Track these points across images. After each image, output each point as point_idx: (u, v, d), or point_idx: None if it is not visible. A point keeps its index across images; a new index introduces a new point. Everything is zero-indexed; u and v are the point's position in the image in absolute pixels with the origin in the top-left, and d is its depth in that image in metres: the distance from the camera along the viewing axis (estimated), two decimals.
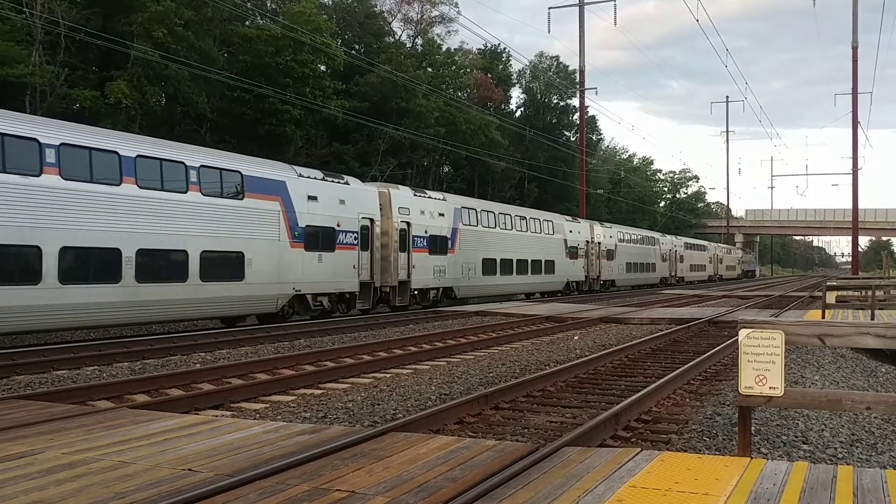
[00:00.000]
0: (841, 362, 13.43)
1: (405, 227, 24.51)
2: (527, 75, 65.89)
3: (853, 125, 46.88)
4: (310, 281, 20.20)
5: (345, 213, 21.54)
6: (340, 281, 21.43)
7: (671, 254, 57.67)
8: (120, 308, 15.30)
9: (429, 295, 26.08)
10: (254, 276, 18.29)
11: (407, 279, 24.52)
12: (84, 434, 5.83)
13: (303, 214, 19.92)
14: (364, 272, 22.40)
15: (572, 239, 38.72)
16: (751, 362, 5.39)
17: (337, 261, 21.15)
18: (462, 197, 32.48)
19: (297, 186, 19.91)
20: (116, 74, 29.51)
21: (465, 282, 28.25)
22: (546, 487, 4.37)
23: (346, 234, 21.52)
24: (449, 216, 27.37)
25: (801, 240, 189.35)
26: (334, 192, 21.36)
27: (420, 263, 25.21)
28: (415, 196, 25.81)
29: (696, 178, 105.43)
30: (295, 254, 19.63)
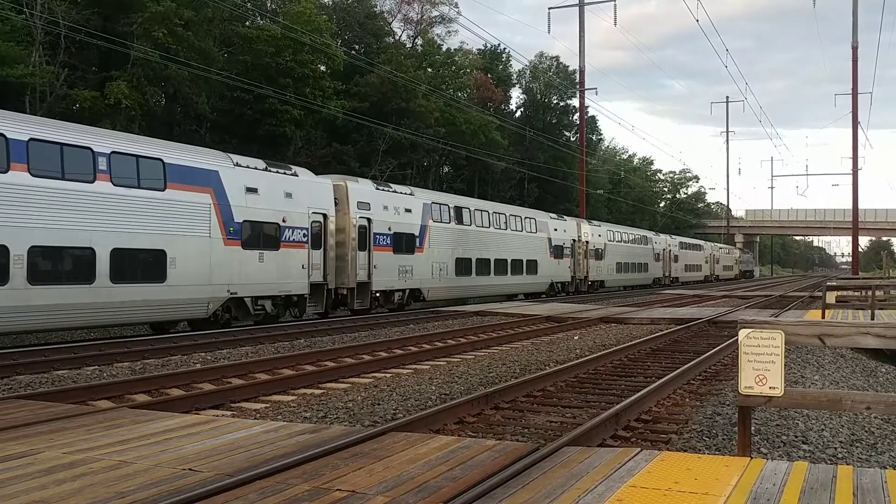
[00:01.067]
0: (841, 362, 13.43)
1: (365, 223, 22.79)
2: (527, 75, 65.91)
3: (853, 125, 46.92)
4: (248, 282, 18.36)
5: (292, 208, 19.65)
6: (287, 282, 19.55)
7: (665, 253, 56.27)
8: (8, 314, 13.31)
9: (393, 297, 24.48)
10: (178, 276, 16.46)
11: (367, 280, 22.79)
12: (84, 434, 5.83)
13: (240, 208, 18.06)
14: (316, 273, 20.55)
15: (557, 237, 37.16)
16: (751, 362, 5.40)
17: (282, 260, 19.35)
18: (432, 192, 30.51)
19: (234, 177, 18.04)
20: (116, 75, 29.51)
21: (436, 283, 26.54)
22: (546, 487, 4.37)
23: (293, 231, 19.65)
24: (417, 212, 25.65)
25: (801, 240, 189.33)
26: (279, 184, 19.46)
27: (382, 263, 23.47)
28: (377, 190, 24.07)
29: (696, 179, 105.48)
30: (230, 252, 17.80)
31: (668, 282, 56.31)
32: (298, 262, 19.90)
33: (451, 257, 27.49)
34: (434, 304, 28.47)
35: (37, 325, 14.48)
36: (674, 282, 58.08)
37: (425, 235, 25.93)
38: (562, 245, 37.56)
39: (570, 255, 38.69)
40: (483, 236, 30.10)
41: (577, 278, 39.68)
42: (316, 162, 33.73)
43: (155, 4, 29.60)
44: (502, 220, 32.10)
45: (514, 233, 32.86)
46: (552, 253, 36.36)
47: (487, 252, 30.28)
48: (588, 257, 40.98)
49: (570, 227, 39.27)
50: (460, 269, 28.16)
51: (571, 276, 38.82)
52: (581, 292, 39.53)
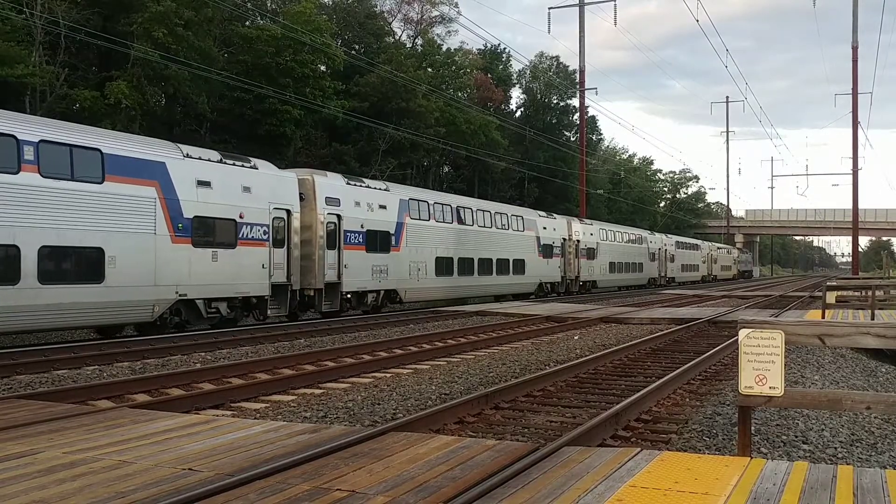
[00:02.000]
0: (841, 362, 13.43)
1: (335, 220, 21.45)
2: (527, 75, 65.93)
3: (853, 125, 46.92)
4: (200, 283, 17.07)
5: (251, 203, 18.36)
6: (244, 283, 18.24)
7: (661, 253, 55.03)
8: None
9: (366, 299, 23.14)
10: (118, 277, 15.16)
11: (337, 281, 21.45)
12: (84, 433, 5.83)
13: (190, 203, 16.82)
14: (278, 273, 19.20)
15: (546, 236, 35.76)
16: (751, 362, 5.40)
17: (239, 259, 18.06)
18: (410, 187, 29.15)
19: (183, 169, 16.76)
20: (116, 74, 29.51)
21: (413, 283, 25.18)
22: (546, 487, 4.37)
23: (251, 228, 18.33)
24: (393, 209, 24.26)
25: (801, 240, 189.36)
26: (236, 178, 18.15)
27: (354, 262, 22.08)
28: (348, 185, 22.59)
29: (696, 179, 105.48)
30: (178, 250, 16.54)
31: (663, 282, 55.21)
32: (258, 261, 18.61)
33: (430, 257, 26.21)
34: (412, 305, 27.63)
35: None
36: (670, 282, 56.94)
37: (402, 233, 24.62)
38: (551, 244, 36.34)
39: (561, 255, 37.48)
40: (466, 234, 28.85)
41: (568, 278, 38.55)
42: (316, 162, 33.69)
43: (155, 4, 29.59)
44: (487, 217, 30.91)
45: (500, 231, 31.60)
46: (541, 252, 35.13)
47: (471, 251, 29.06)
48: (579, 257, 39.80)
49: (560, 225, 38.09)
50: (441, 269, 26.86)
51: (562, 276, 37.64)
52: (572, 293, 38.45)
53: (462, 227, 28.60)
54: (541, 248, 35.05)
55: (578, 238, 39.61)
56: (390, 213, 24.15)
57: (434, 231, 26.64)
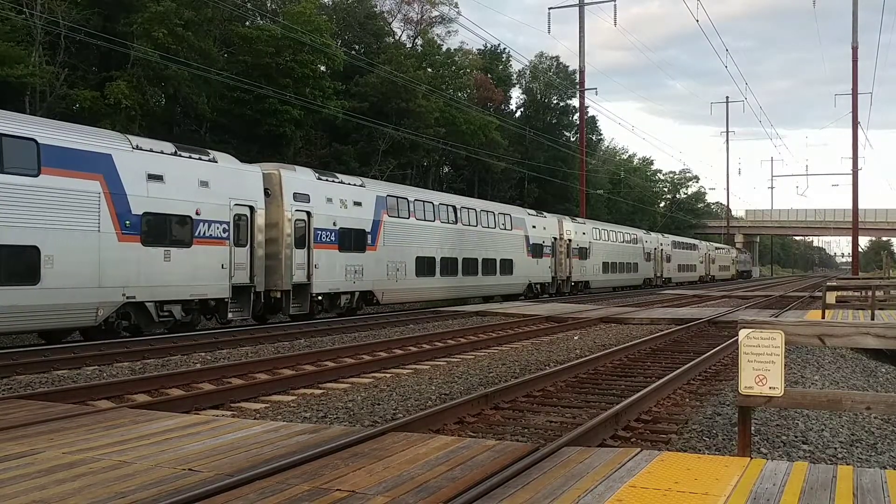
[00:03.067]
0: (841, 362, 13.43)
1: (304, 217, 20.25)
2: (527, 76, 65.95)
3: (853, 125, 46.88)
4: (151, 285, 15.95)
5: (209, 199, 17.23)
6: (201, 284, 17.09)
7: (656, 253, 53.76)
8: None
9: (339, 301, 21.94)
10: (56, 278, 14.05)
11: (306, 282, 20.24)
12: (84, 434, 5.83)
13: (139, 198, 15.68)
14: (240, 273, 18.03)
15: (536, 235, 34.54)
16: (751, 362, 5.40)
17: (195, 259, 16.94)
18: (388, 184, 27.85)
19: (132, 162, 15.62)
20: (116, 75, 29.53)
21: (391, 284, 23.97)
22: (546, 487, 4.37)
23: (209, 225, 17.20)
24: (369, 206, 23.10)
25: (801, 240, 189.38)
26: (192, 171, 17.01)
27: (325, 262, 20.90)
28: (319, 180, 21.35)
29: (696, 179, 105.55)
30: (126, 249, 15.38)
31: (659, 282, 54.22)
32: (216, 260, 17.47)
33: (410, 256, 25.03)
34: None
35: None
36: (666, 282, 55.95)
37: (378, 231, 23.40)
38: (541, 243, 35.09)
39: (551, 255, 36.24)
40: (449, 233, 27.61)
41: (559, 279, 37.27)
42: (316, 162, 33.72)
43: (155, 4, 29.62)
44: (472, 215, 29.67)
45: (486, 230, 30.44)
46: (530, 252, 33.94)
47: (455, 251, 27.84)
48: (571, 256, 38.60)
49: (550, 224, 36.84)
50: (422, 270, 25.64)
51: (552, 276, 36.39)
52: (563, 294, 37.38)
53: (445, 225, 27.53)
54: (530, 248, 34.02)
55: (570, 237, 38.60)
56: (366, 211, 23.00)
57: (414, 229, 25.50)
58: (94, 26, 28.19)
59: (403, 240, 24.76)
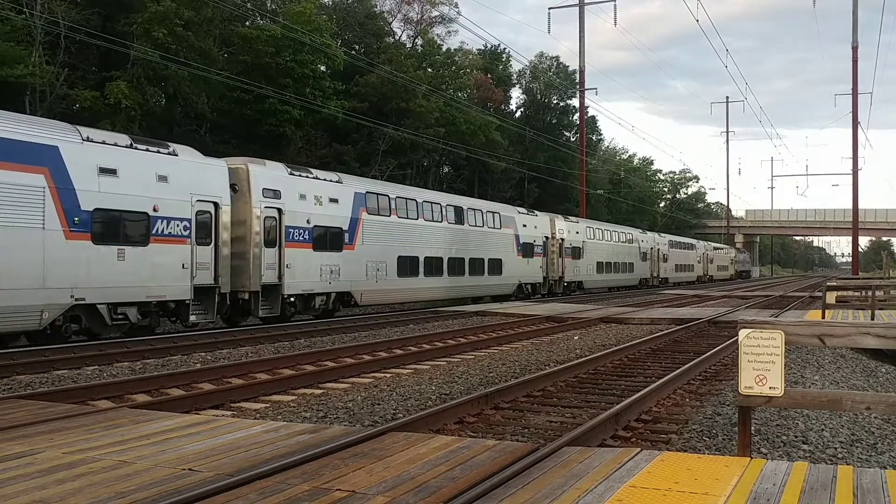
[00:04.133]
0: (841, 362, 13.43)
1: (274, 214, 19.27)
2: (527, 76, 65.97)
3: (853, 125, 46.92)
4: (103, 286, 14.94)
5: (168, 194, 16.26)
6: (160, 285, 16.09)
7: (653, 252, 52.84)
8: None
9: (314, 302, 20.86)
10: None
11: (277, 282, 19.24)
12: (84, 434, 5.83)
13: (90, 193, 14.71)
14: (203, 273, 17.04)
15: (527, 234, 33.52)
16: (751, 362, 5.39)
17: (152, 258, 15.94)
18: (368, 180, 26.60)
19: (81, 154, 14.68)
20: (116, 75, 29.53)
21: (371, 285, 22.96)
22: (546, 487, 4.37)
23: (169, 222, 16.24)
24: (346, 203, 22.06)
25: (801, 240, 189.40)
26: (149, 165, 16.02)
27: (298, 262, 19.89)
28: (291, 175, 20.23)
29: (696, 179, 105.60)
30: (74, 248, 14.41)
31: (656, 283, 53.38)
32: (176, 260, 16.47)
33: (391, 256, 24.05)
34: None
35: None
36: (663, 283, 55.09)
37: (357, 230, 22.37)
38: (532, 243, 34.01)
39: (543, 254, 35.14)
40: (433, 232, 26.56)
41: (551, 279, 36.27)
42: (316, 162, 33.71)
43: (155, 4, 29.62)
44: (459, 213, 28.64)
45: (474, 228, 29.37)
46: (520, 251, 32.87)
47: (440, 250, 26.80)
48: (563, 256, 37.53)
49: (541, 223, 35.77)
50: (404, 270, 24.63)
51: (544, 276, 35.36)
52: (555, 294, 36.38)
53: (429, 223, 26.46)
54: (520, 247, 32.95)
55: (563, 236, 37.61)
56: (343, 208, 21.94)
57: (395, 228, 24.45)
58: (94, 26, 28.21)
59: (384, 238, 23.78)
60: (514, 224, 32.77)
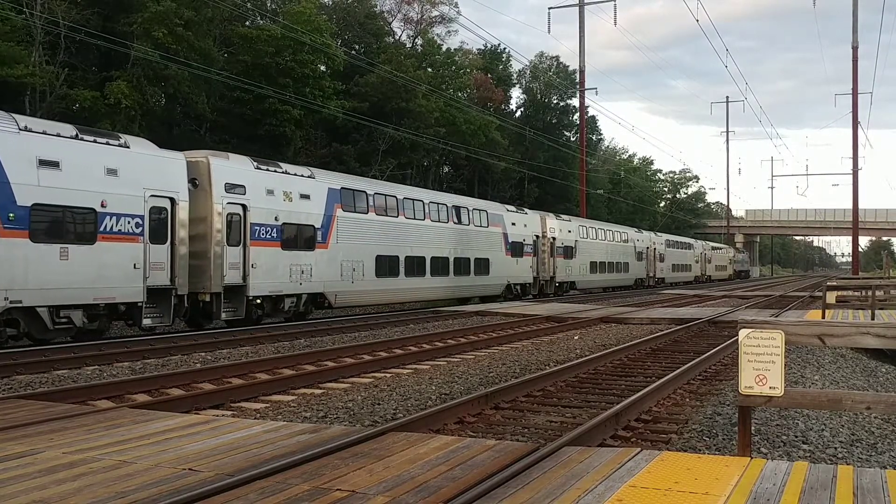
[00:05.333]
0: (841, 362, 13.43)
1: (238, 211, 18.19)
2: (527, 75, 65.98)
3: (853, 125, 46.94)
4: (42, 287, 13.89)
5: (118, 189, 15.19)
6: (108, 286, 14.99)
7: (648, 252, 51.84)
8: None
9: (283, 304, 19.71)
10: None
11: (241, 283, 18.18)
12: (84, 434, 5.83)
13: (27, 187, 13.70)
14: (157, 274, 15.94)
15: (516, 233, 32.37)
16: (751, 362, 5.40)
17: (100, 257, 14.83)
18: (344, 175, 25.27)
19: (17, 145, 13.67)
20: (116, 75, 29.53)
21: (346, 286, 21.83)
22: (546, 487, 4.37)
23: (119, 219, 15.16)
24: (319, 199, 20.94)
25: (801, 240, 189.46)
26: (97, 158, 14.96)
27: (265, 261, 18.81)
28: (257, 169, 19.16)
29: (696, 179, 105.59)
30: (9, 246, 13.39)
31: (652, 283, 52.40)
32: (127, 259, 15.36)
33: (369, 255, 22.95)
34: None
35: None
36: (659, 283, 54.13)
37: (331, 227, 21.26)
38: (521, 242, 32.85)
39: (533, 253, 33.97)
40: (415, 230, 25.46)
41: (542, 279, 35.15)
42: (316, 162, 33.71)
43: (155, 4, 29.63)
44: (442, 211, 27.42)
45: (459, 226, 28.29)
46: (509, 250, 31.75)
47: (422, 249, 25.73)
48: (555, 255, 36.37)
49: (531, 221, 34.54)
50: (383, 269, 23.55)
51: (534, 276, 34.19)
52: (546, 295, 35.19)
53: (410, 221, 25.39)
54: (509, 246, 31.84)
55: (554, 235, 36.45)
56: (315, 204, 20.79)
57: (374, 226, 23.34)
58: (94, 26, 28.19)
59: (361, 237, 22.66)
60: (502, 222, 31.75)
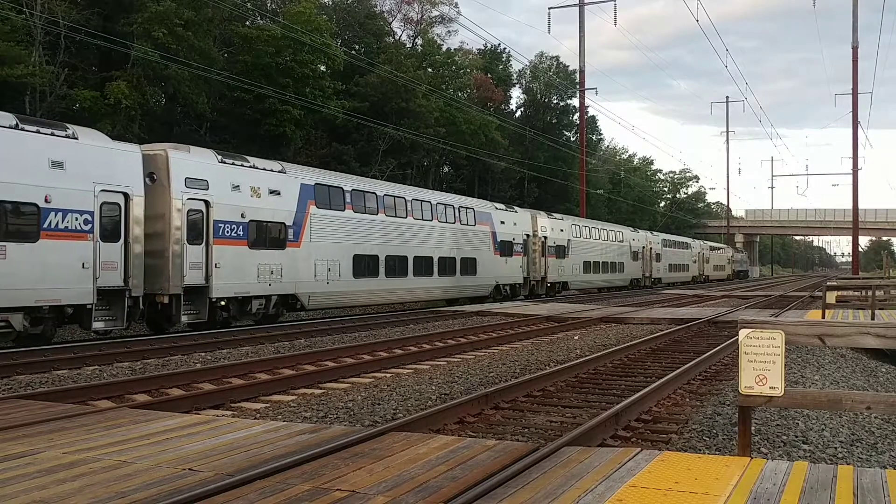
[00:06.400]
0: (841, 362, 13.43)
1: (201, 207, 17.21)
2: (527, 75, 65.99)
3: (853, 125, 46.96)
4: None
5: (64, 183, 14.23)
6: (53, 287, 14.04)
7: (645, 252, 50.92)
8: None
9: (250, 306, 18.65)
10: None
11: (203, 283, 17.14)
12: (84, 434, 5.83)
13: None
14: (109, 274, 14.94)
15: (505, 232, 31.38)
16: (751, 362, 5.40)
17: (43, 256, 13.86)
18: (319, 171, 23.79)
19: None
20: (116, 74, 29.52)
21: (321, 286, 20.83)
22: (546, 487, 4.37)
23: (64, 215, 14.20)
24: (290, 195, 19.94)
25: (801, 240, 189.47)
26: (40, 149, 14.00)
27: (230, 261, 17.75)
28: (222, 163, 18.06)
29: (696, 178, 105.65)
30: None
31: (648, 283, 51.53)
32: (74, 258, 14.37)
33: (346, 254, 21.96)
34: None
35: None
36: (655, 283, 53.30)
37: (303, 225, 20.26)
38: (511, 241, 31.84)
39: (523, 253, 32.99)
40: (396, 228, 24.48)
41: (533, 279, 34.21)
42: (316, 161, 33.72)
43: (155, 4, 29.63)
44: (426, 208, 26.47)
45: (443, 225, 27.29)
46: (497, 250, 30.71)
47: (404, 248, 24.76)
48: (547, 255, 35.43)
49: (522, 219, 33.56)
50: (361, 270, 22.55)
51: (524, 276, 33.20)
52: (537, 296, 34.21)
53: (392, 219, 24.39)
54: (497, 245, 30.80)
55: (545, 234, 35.48)
56: (286, 201, 19.78)
57: (351, 223, 22.33)
58: (94, 26, 28.18)
59: (337, 235, 21.65)
60: (490, 220, 30.74)
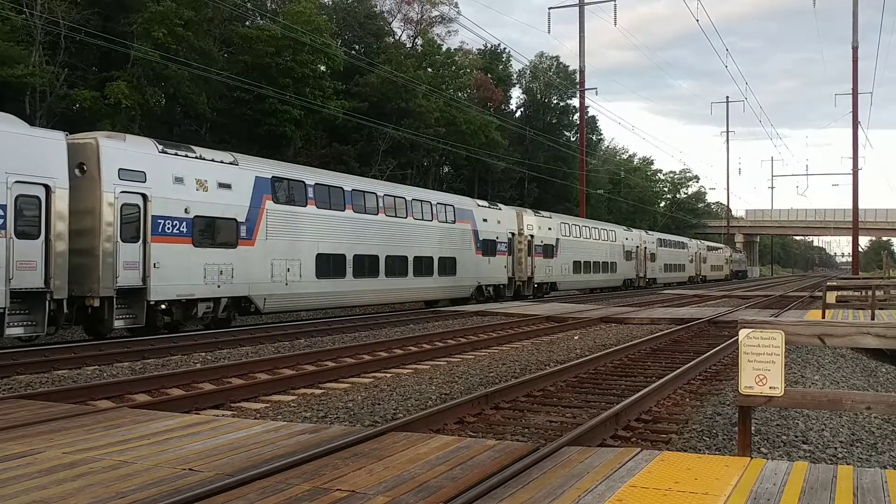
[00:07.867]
0: (841, 362, 13.43)
1: (137, 201, 15.80)
2: (527, 75, 66.00)
3: (853, 125, 46.99)
4: None
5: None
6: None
7: (639, 251, 49.68)
8: None
9: (196, 309, 17.21)
10: None
11: (140, 285, 15.73)
12: (84, 434, 5.83)
13: None
14: (26, 274, 13.60)
15: (487, 230, 30.00)
16: (751, 362, 5.40)
17: None
18: (277, 163, 21.96)
19: None
20: (116, 75, 29.53)
21: (279, 288, 19.40)
22: (546, 487, 4.37)
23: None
24: (243, 189, 18.47)
25: (801, 240, 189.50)
26: None
27: (172, 260, 16.37)
28: (163, 154, 16.64)
29: (696, 179, 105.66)
30: None
31: (642, 283, 50.12)
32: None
33: (308, 253, 20.48)
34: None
35: None
36: (650, 283, 51.90)
37: (258, 221, 18.80)
38: (494, 239, 30.46)
39: (508, 252, 31.58)
40: (365, 225, 23.05)
41: (518, 280, 32.80)
42: (316, 162, 33.71)
43: (155, 4, 29.62)
44: (400, 204, 25.09)
45: (420, 222, 25.99)
46: (479, 249, 29.33)
47: (374, 247, 23.33)
48: (534, 254, 33.94)
49: (506, 217, 32.05)
50: (325, 270, 21.09)
51: (509, 276, 31.84)
52: (523, 296, 32.94)
53: (361, 216, 22.94)
54: (479, 244, 29.38)
55: (532, 233, 33.94)
56: (238, 195, 18.33)
57: (314, 220, 20.87)
58: (94, 26, 28.18)
59: (297, 232, 20.19)
60: (471, 218, 29.28)
